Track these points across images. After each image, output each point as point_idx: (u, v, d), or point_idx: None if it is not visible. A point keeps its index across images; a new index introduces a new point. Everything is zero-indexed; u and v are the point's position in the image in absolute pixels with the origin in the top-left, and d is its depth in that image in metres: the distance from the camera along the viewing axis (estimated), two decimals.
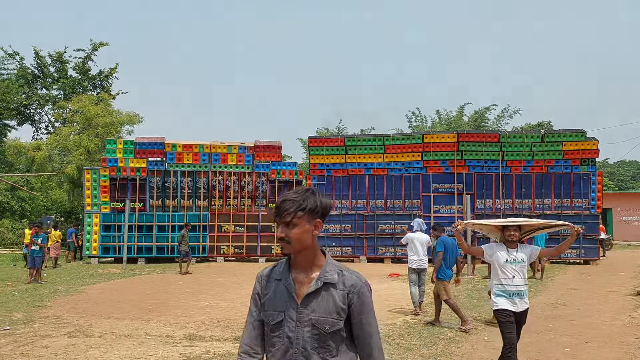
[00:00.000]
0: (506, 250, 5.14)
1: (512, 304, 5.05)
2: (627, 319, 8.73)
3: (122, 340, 7.02)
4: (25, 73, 29.63)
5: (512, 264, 5.09)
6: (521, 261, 5.09)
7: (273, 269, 2.15)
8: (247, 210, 19.88)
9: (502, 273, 5.10)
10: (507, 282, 5.08)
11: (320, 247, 2.11)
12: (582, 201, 18.94)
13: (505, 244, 5.18)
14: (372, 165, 19.79)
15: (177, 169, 19.63)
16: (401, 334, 7.44)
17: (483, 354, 6.40)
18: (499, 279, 5.13)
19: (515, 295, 5.06)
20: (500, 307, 5.07)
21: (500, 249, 5.18)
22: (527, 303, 5.15)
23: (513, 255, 5.11)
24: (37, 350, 6.53)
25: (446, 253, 7.98)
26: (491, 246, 5.28)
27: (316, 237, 2.07)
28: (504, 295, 5.08)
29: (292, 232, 2.01)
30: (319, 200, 2.05)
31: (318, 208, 2.04)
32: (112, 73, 30.80)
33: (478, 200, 19.17)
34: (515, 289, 5.06)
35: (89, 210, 19.38)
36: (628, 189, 47.99)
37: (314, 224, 2.04)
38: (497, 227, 5.28)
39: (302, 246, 2.03)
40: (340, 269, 2.06)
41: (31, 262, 13.83)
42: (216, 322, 8.29)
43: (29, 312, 9.26)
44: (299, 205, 2.01)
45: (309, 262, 2.07)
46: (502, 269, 5.10)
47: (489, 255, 5.22)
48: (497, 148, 19.17)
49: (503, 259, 5.10)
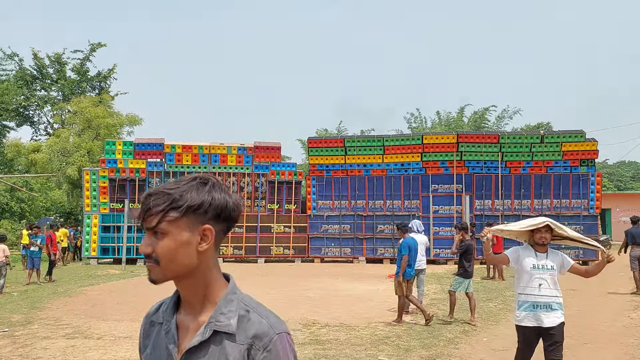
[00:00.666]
0: (534, 254, 4.52)
1: (535, 318, 4.41)
2: (626, 319, 8.74)
3: (121, 342, 7.02)
4: (24, 74, 29.64)
5: (540, 270, 4.46)
6: (551, 268, 4.46)
7: (160, 306, 1.41)
8: (246, 211, 19.87)
9: (528, 281, 4.47)
10: (532, 292, 4.44)
11: (220, 272, 1.33)
12: (581, 202, 18.96)
13: (534, 247, 4.56)
14: (371, 166, 19.80)
15: (177, 170, 19.63)
16: (400, 335, 7.44)
17: (482, 355, 6.40)
18: (523, 288, 4.50)
19: (542, 307, 4.41)
20: (521, 323, 4.48)
21: (527, 253, 4.56)
22: (559, 317, 4.42)
23: (542, 261, 4.49)
24: (36, 352, 6.52)
25: (410, 253, 8.18)
26: (516, 250, 4.67)
27: (212, 255, 1.30)
28: (526, 308, 4.46)
29: (160, 244, 1.25)
30: (209, 195, 1.26)
31: (205, 206, 1.25)
32: (110, 74, 30.81)
33: (477, 201, 19.19)
34: (541, 299, 4.41)
35: (88, 211, 19.37)
36: (627, 189, 48.06)
37: (200, 232, 1.25)
38: (527, 230, 4.62)
39: (178, 269, 1.27)
40: (247, 309, 1.27)
41: (30, 263, 13.80)
42: None
43: (28, 314, 9.25)
44: (171, 201, 1.24)
45: (197, 296, 1.30)
46: (528, 276, 4.47)
47: (514, 260, 4.61)
48: (497, 149, 19.19)
49: (530, 264, 4.49)
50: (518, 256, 4.58)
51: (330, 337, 7.24)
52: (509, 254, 4.67)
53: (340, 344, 6.87)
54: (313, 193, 19.86)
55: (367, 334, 7.47)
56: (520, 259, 4.55)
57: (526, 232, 4.63)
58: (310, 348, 6.63)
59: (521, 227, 4.60)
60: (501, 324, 8.29)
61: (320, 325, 8.09)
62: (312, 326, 8.05)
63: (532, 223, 4.54)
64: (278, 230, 19.81)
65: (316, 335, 7.36)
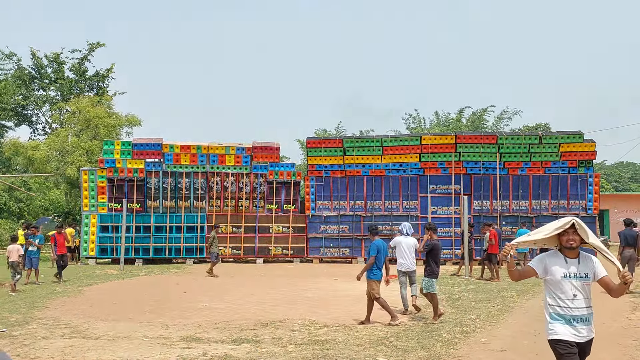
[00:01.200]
0: (564, 260, 3.92)
1: (574, 332, 3.84)
2: (624, 320, 8.75)
3: (120, 342, 7.01)
4: (22, 74, 29.61)
5: (573, 279, 3.87)
6: (584, 277, 3.88)
7: None
8: (245, 211, 19.87)
9: (559, 291, 3.88)
10: (566, 304, 3.85)
11: None
12: (579, 202, 19.01)
13: (563, 252, 3.96)
14: (370, 167, 19.82)
15: (175, 170, 19.62)
16: (399, 335, 7.45)
17: (480, 356, 6.41)
18: (555, 298, 3.90)
19: (578, 321, 3.84)
20: (558, 336, 3.86)
21: (555, 260, 3.96)
22: (593, 331, 3.91)
23: (573, 268, 3.89)
24: (35, 351, 6.51)
25: (378, 255, 8.30)
26: (541, 258, 4.03)
27: None
28: (561, 320, 3.87)
29: None
30: None
31: None
32: (108, 74, 30.78)
33: (475, 201, 19.24)
34: (577, 312, 3.84)
35: (86, 211, 19.36)
36: (625, 190, 48.16)
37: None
38: (554, 236, 4.00)
39: None
40: None
41: (28, 263, 13.78)
42: (214, 324, 8.27)
43: (26, 314, 9.23)
44: None
45: None
46: (559, 286, 3.88)
47: (541, 271, 3.98)
48: (495, 149, 19.23)
49: (560, 272, 3.89)
50: (545, 265, 3.97)
51: (329, 338, 7.25)
52: (535, 266, 4.03)
53: (339, 344, 6.87)
54: (312, 193, 19.87)
55: (366, 335, 7.48)
56: (548, 268, 3.95)
57: (554, 238, 4.02)
58: (309, 348, 6.63)
59: (546, 234, 3.98)
60: (500, 325, 8.30)
61: (318, 326, 8.10)
62: (310, 326, 8.05)
63: (557, 226, 3.93)
64: (277, 231, 19.82)
65: (315, 336, 7.36)
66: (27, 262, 13.86)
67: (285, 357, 6.21)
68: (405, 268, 9.25)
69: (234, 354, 6.35)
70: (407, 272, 9.28)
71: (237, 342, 6.98)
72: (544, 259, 4.00)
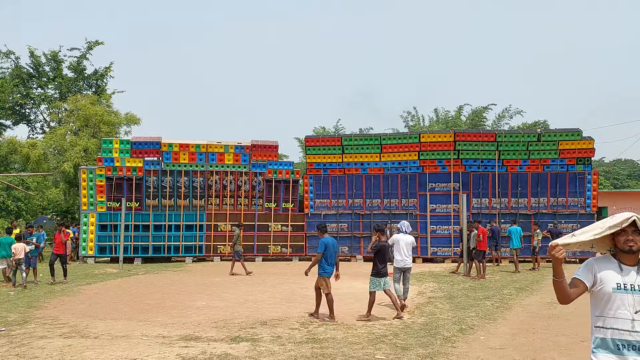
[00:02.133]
0: (618, 267, 2.96)
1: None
2: None
3: (118, 341, 7.01)
4: (20, 72, 29.51)
5: (631, 292, 2.88)
6: None
7: None
8: (244, 209, 19.87)
9: (610, 308, 2.93)
10: (619, 325, 2.88)
11: None
12: (578, 200, 19.04)
13: (618, 257, 3.00)
14: (368, 165, 19.83)
15: (174, 169, 19.60)
16: (397, 333, 7.45)
17: (479, 354, 6.42)
18: (603, 318, 2.96)
19: (633, 349, 2.84)
20: None
21: (606, 265, 3.02)
22: None
23: (631, 277, 2.92)
24: (33, 351, 6.50)
25: (327, 252, 8.48)
26: (589, 265, 3.07)
27: None
28: (608, 348, 2.91)
29: None
30: None
31: None
32: (107, 72, 30.69)
33: (474, 199, 19.27)
34: (632, 337, 2.84)
35: (85, 210, 19.34)
36: (623, 187, 48.20)
37: None
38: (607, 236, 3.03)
39: None
40: None
41: (27, 262, 13.75)
42: (213, 323, 8.28)
43: (25, 313, 9.23)
44: None
45: None
46: (610, 301, 2.93)
47: (589, 282, 3.02)
48: (494, 147, 19.25)
49: (612, 283, 2.94)
50: (595, 274, 3.01)
51: (328, 336, 7.25)
52: (582, 276, 3.05)
53: (338, 342, 6.88)
54: (310, 192, 19.88)
55: (364, 333, 7.49)
56: (596, 276, 3.00)
57: (607, 239, 3.07)
58: (308, 346, 6.64)
59: (596, 234, 3.03)
60: (498, 323, 8.31)
61: (317, 324, 8.10)
62: (309, 324, 8.06)
63: (611, 223, 2.99)
64: (275, 229, 19.83)
65: (313, 334, 7.37)
66: (25, 261, 13.84)
67: (284, 356, 6.21)
68: (402, 265, 9.42)
69: (233, 352, 6.35)
70: (402, 269, 9.47)
71: (236, 341, 6.98)
72: (592, 266, 3.05)
